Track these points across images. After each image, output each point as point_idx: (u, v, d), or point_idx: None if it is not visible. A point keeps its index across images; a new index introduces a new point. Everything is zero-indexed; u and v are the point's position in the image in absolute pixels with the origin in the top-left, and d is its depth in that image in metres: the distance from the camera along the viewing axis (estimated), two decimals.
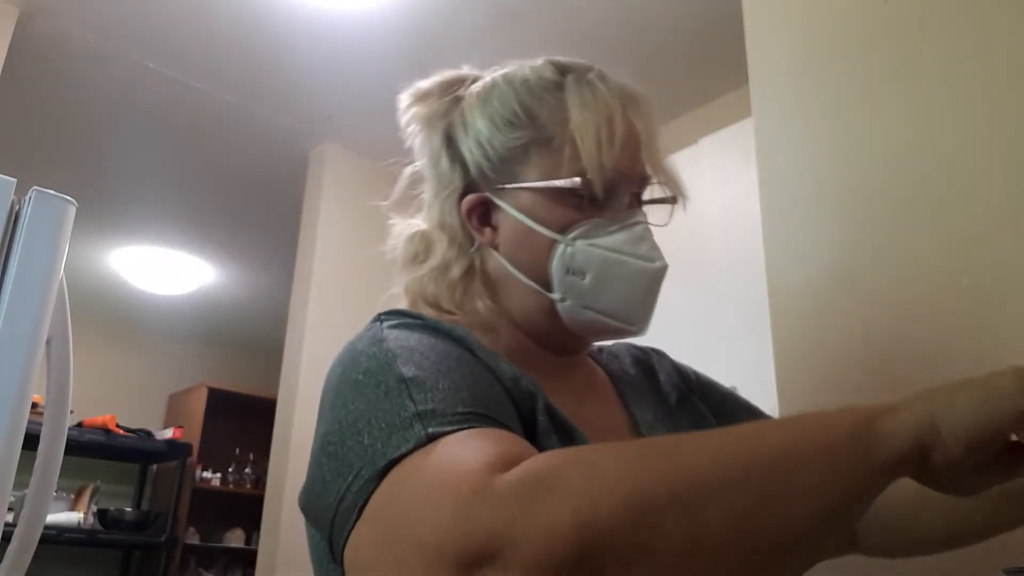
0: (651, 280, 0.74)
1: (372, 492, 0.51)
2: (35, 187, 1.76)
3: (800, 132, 1.24)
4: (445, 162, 0.81)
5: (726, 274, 2.42)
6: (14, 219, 1.70)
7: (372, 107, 3.05)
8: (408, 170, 0.86)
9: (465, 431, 0.53)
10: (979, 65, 1.03)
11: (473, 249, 0.79)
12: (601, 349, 0.89)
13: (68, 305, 1.73)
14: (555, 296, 0.74)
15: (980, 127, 1.01)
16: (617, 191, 0.75)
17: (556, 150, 0.74)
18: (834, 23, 1.23)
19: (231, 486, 5.48)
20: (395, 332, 0.65)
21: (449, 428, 0.52)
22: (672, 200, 0.82)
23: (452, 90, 0.82)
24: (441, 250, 0.79)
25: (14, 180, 1.73)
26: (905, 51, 1.12)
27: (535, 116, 0.76)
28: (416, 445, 0.51)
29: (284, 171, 3.51)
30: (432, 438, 0.51)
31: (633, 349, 0.92)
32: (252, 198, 3.85)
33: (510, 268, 0.76)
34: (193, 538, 5.20)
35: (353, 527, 0.51)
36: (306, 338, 3.08)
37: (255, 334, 5.64)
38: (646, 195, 0.80)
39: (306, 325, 3.10)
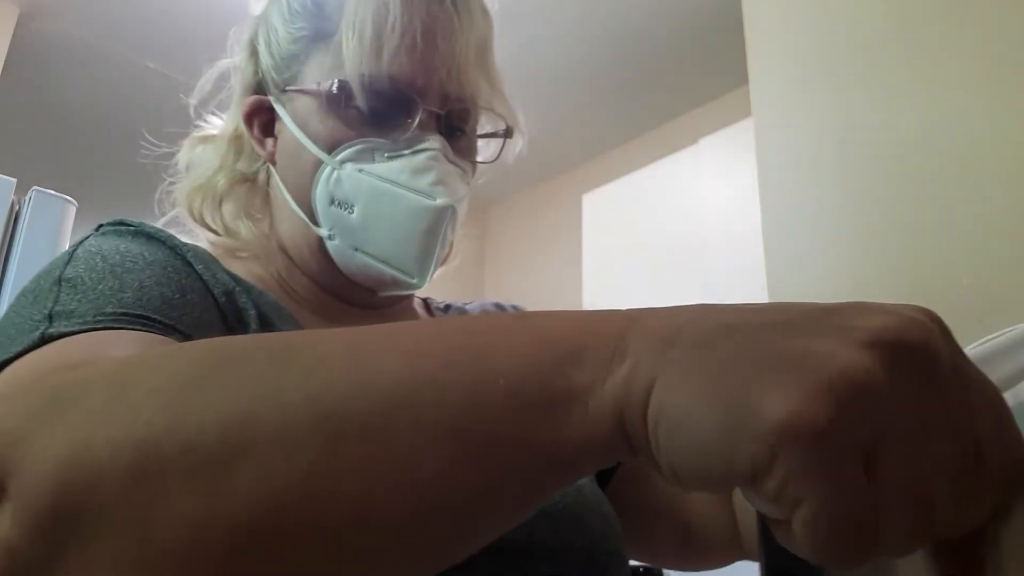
0: (430, 221, 0.59)
1: None
2: (35, 187, 1.76)
3: (800, 132, 1.25)
4: (243, 57, 0.68)
5: (726, 274, 2.42)
6: (14, 219, 1.71)
7: None
8: (222, 63, 0.71)
9: (88, 333, 0.42)
10: (980, 66, 1.03)
11: (260, 164, 0.67)
12: (450, 307, 0.75)
13: None
14: (322, 232, 0.61)
15: (980, 128, 1.01)
16: (407, 107, 0.60)
17: (334, 48, 0.60)
18: (834, 23, 1.23)
19: None
20: (99, 239, 0.54)
21: (73, 329, 0.42)
22: (503, 133, 0.67)
23: None
24: (214, 159, 0.68)
25: (14, 180, 1.73)
26: (905, 52, 1.12)
27: (322, 5, 0.63)
28: (25, 348, 0.41)
29: None
30: (46, 340, 0.41)
31: (488, 306, 0.77)
32: None
33: (282, 189, 0.64)
34: None
35: None
36: None
37: None
38: (485, 127, 0.66)
39: None
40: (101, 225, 0.57)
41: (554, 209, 3.68)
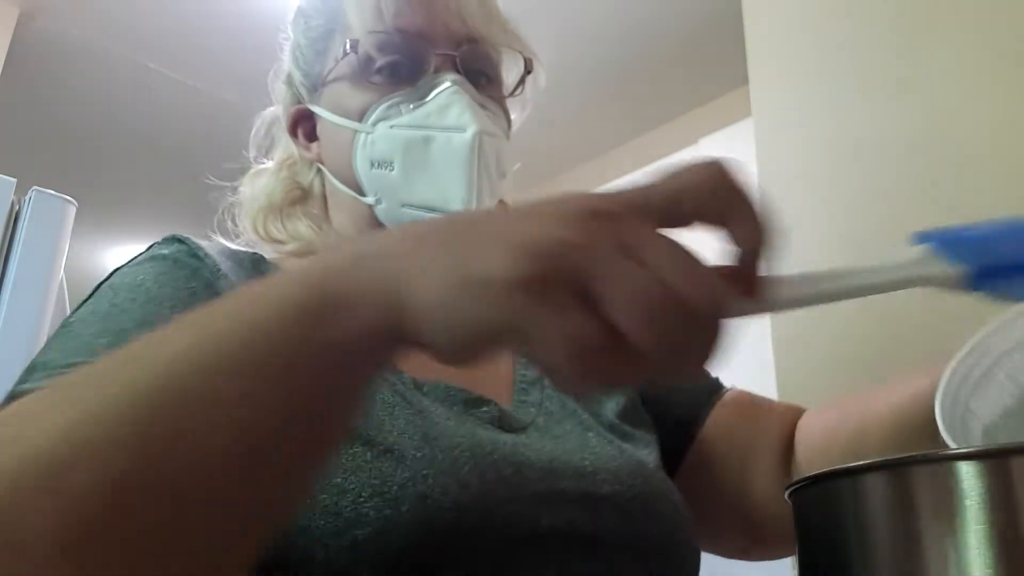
0: (464, 154, 0.59)
1: None
2: (35, 187, 1.76)
3: (800, 132, 1.25)
4: (280, 83, 0.72)
5: None
6: (14, 219, 1.71)
7: None
8: (269, 111, 0.75)
9: (41, 391, 0.41)
10: (981, 67, 1.03)
11: (313, 174, 0.70)
12: None
13: (68, 304, 1.73)
14: (369, 200, 0.63)
15: (982, 129, 1.01)
16: (420, 56, 0.62)
17: (344, 27, 0.63)
18: (834, 23, 1.23)
19: None
20: (133, 266, 0.55)
21: (31, 386, 0.43)
22: (524, 73, 0.68)
23: None
24: (271, 181, 0.71)
25: (14, 180, 1.73)
26: (905, 52, 1.12)
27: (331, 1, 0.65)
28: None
29: None
30: (13, 397, 0.43)
31: None
32: None
33: (333, 180, 0.66)
34: None
35: None
36: None
37: None
38: (511, 74, 0.68)
39: None
40: (156, 243, 0.59)
41: None
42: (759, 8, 1.38)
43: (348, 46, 0.61)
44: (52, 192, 1.74)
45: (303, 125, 0.69)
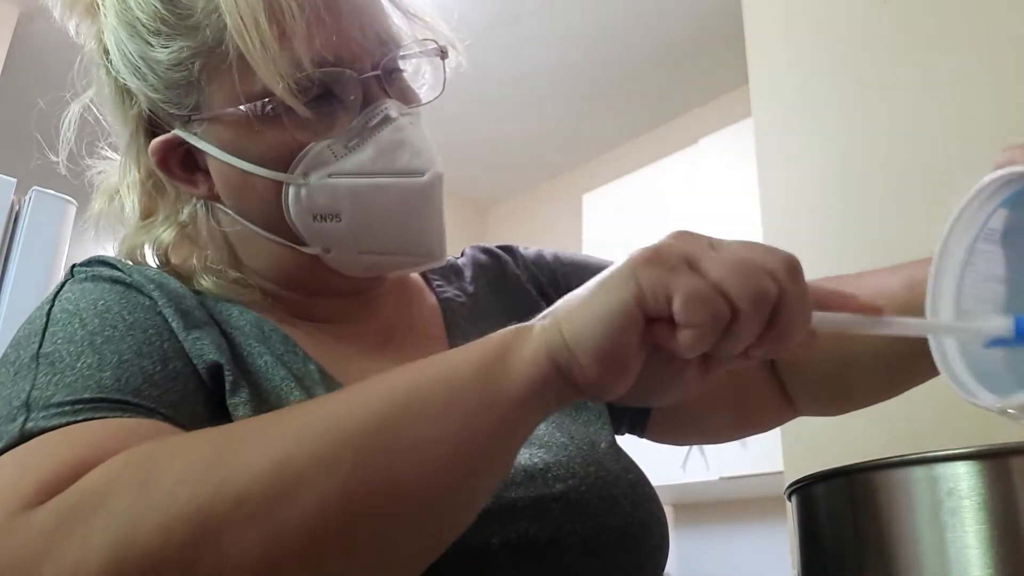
0: (427, 199, 0.54)
1: None
2: (35, 187, 1.76)
3: (800, 132, 1.25)
4: (111, 90, 0.60)
5: None
6: (14, 219, 1.71)
7: None
8: (74, 108, 0.64)
9: (68, 427, 0.41)
10: (978, 66, 1.03)
11: (192, 205, 0.60)
12: (445, 265, 0.69)
13: None
14: (314, 250, 0.56)
15: (980, 127, 1.01)
16: (343, 87, 0.54)
17: (234, 58, 0.52)
18: (834, 23, 1.23)
19: None
20: (76, 288, 0.51)
21: (53, 423, 0.41)
22: (436, 53, 0.60)
23: None
24: (133, 214, 0.61)
25: (14, 180, 1.73)
26: (904, 52, 1.12)
27: (186, 15, 0.53)
28: (7, 444, 0.41)
29: None
30: (27, 436, 0.41)
31: (480, 256, 0.72)
32: None
33: (245, 223, 0.57)
34: None
35: None
36: None
37: None
38: (411, 48, 0.59)
39: None
40: (75, 266, 0.55)
41: (554, 209, 3.68)
42: (759, 8, 1.38)
43: (264, 102, 0.52)
44: (52, 192, 1.74)
45: (174, 155, 0.58)
